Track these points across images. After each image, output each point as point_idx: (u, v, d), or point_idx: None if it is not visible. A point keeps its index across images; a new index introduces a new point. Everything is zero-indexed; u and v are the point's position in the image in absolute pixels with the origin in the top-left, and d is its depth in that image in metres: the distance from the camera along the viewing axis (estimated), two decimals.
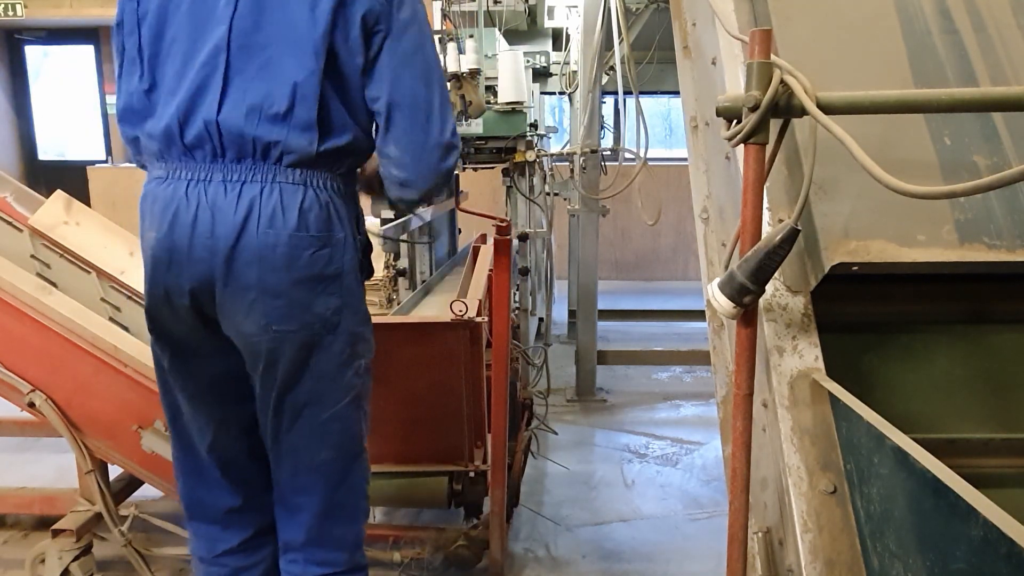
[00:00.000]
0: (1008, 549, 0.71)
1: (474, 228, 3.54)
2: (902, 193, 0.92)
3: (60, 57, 7.75)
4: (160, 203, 1.38)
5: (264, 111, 1.33)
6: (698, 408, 3.98)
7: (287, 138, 1.33)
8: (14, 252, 2.30)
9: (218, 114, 1.33)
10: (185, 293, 1.38)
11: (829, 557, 1.07)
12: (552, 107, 6.39)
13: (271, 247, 1.34)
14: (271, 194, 1.34)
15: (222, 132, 1.33)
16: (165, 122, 1.36)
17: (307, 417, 1.46)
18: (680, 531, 2.73)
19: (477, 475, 2.24)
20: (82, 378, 2.04)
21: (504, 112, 3.30)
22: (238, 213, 1.33)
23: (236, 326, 1.40)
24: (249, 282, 1.35)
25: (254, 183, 1.34)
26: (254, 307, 1.36)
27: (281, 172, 1.35)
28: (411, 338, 2.01)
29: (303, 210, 1.36)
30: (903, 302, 1.42)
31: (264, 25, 1.33)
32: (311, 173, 1.38)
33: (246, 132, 1.33)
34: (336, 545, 1.54)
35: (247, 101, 1.33)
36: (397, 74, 1.39)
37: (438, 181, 1.46)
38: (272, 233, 1.34)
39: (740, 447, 1.14)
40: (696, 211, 1.69)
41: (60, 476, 2.94)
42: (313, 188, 1.38)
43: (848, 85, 1.28)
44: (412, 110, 1.40)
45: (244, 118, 1.33)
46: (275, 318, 1.37)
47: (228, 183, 1.34)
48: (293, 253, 1.35)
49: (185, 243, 1.35)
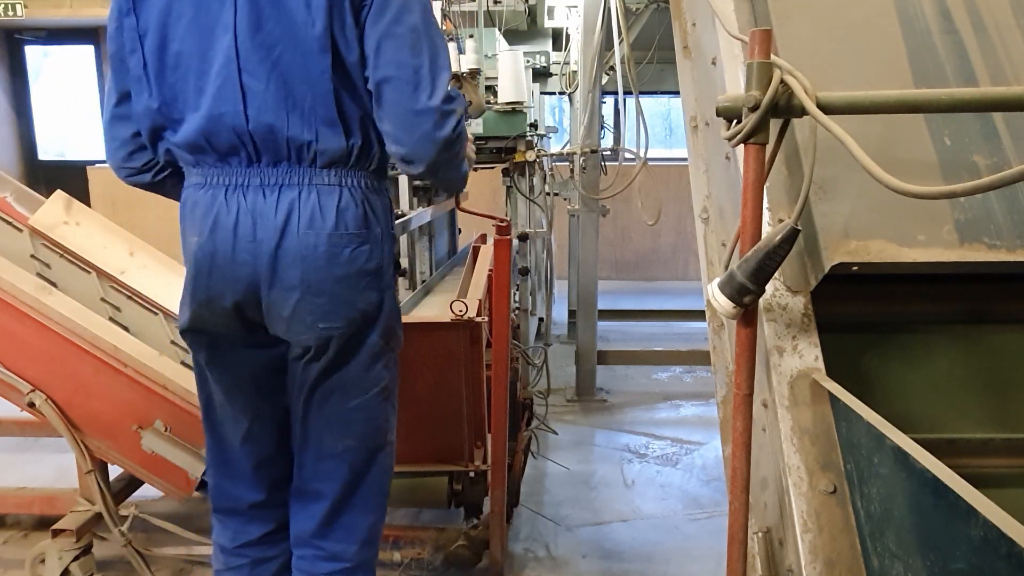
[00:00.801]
0: (1008, 549, 0.71)
1: (474, 228, 3.54)
2: (902, 193, 0.92)
3: (60, 57, 7.75)
4: (201, 209, 1.41)
5: (289, 112, 1.34)
6: (698, 408, 3.98)
7: (318, 137, 1.36)
8: (14, 252, 2.30)
9: (247, 123, 1.34)
10: (228, 296, 1.41)
11: (829, 557, 1.07)
12: (552, 107, 6.39)
13: (312, 247, 1.38)
14: (309, 196, 1.38)
15: (255, 139, 1.36)
16: (193, 136, 1.38)
17: (334, 403, 1.49)
18: (680, 531, 2.73)
19: (477, 475, 2.24)
20: (82, 378, 2.04)
21: (504, 112, 3.30)
22: (278, 216, 1.37)
23: (284, 326, 1.43)
24: (293, 282, 1.39)
25: (292, 186, 1.38)
26: (300, 306, 1.40)
27: (316, 174, 1.39)
28: (411, 338, 2.01)
29: (340, 209, 1.39)
30: (903, 302, 1.42)
31: (265, 24, 1.32)
32: (344, 172, 1.41)
33: (279, 135, 1.35)
34: (346, 536, 1.54)
35: (271, 104, 1.34)
36: (381, 47, 1.34)
37: (439, 151, 1.39)
38: (312, 234, 1.38)
39: (740, 447, 1.14)
40: (696, 211, 1.69)
41: (60, 476, 2.94)
42: (348, 188, 1.41)
43: (848, 85, 1.28)
44: (399, 81, 1.35)
45: (274, 121, 1.34)
46: (320, 315, 1.41)
47: (267, 187, 1.38)
48: (333, 251, 1.39)
49: (228, 248, 1.38)
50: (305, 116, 1.35)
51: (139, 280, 2.72)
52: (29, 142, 7.80)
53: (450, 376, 2.04)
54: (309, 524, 1.55)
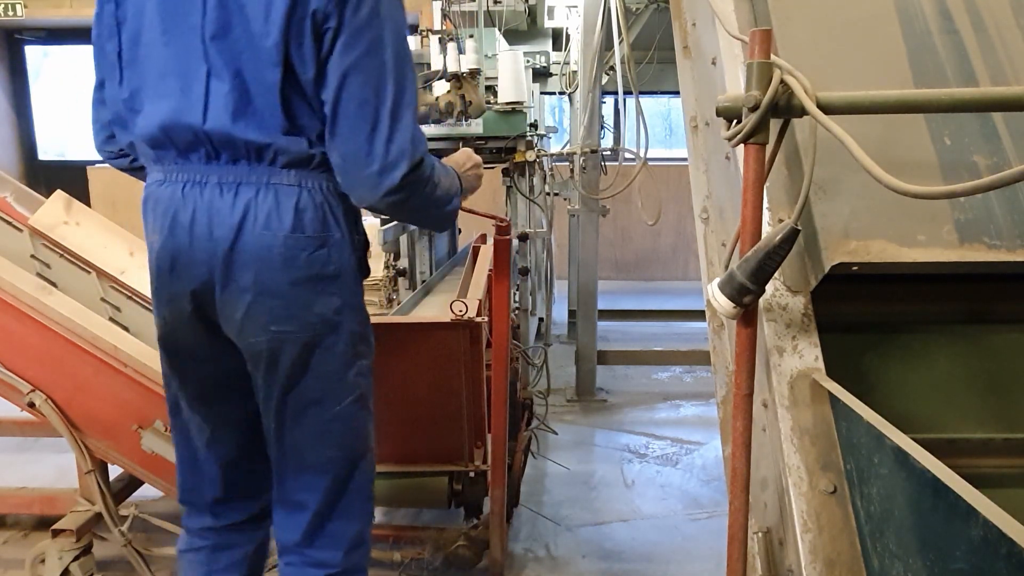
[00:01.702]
0: (1008, 549, 0.71)
1: (474, 228, 3.54)
2: (902, 193, 0.92)
3: (60, 57, 7.74)
4: (161, 206, 1.38)
5: (248, 117, 1.32)
6: (698, 408, 3.98)
7: (277, 141, 1.33)
8: (14, 252, 2.30)
9: (204, 122, 1.33)
10: (187, 295, 1.39)
11: (829, 557, 1.07)
12: (552, 107, 6.39)
13: (267, 248, 1.34)
14: (266, 196, 1.34)
15: (212, 138, 1.33)
16: (154, 130, 1.37)
17: (311, 416, 1.46)
18: (680, 531, 2.73)
19: (477, 475, 2.24)
20: (82, 378, 2.04)
21: (504, 112, 3.30)
22: (234, 215, 1.33)
23: (236, 328, 1.40)
24: (247, 284, 1.35)
25: (249, 185, 1.34)
26: (252, 308, 1.37)
27: (276, 174, 1.35)
28: (411, 338, 2.01)
29: (299, 211, 1.35)
30: (903, 302, 1.42)
31: (233, 29, 1.31)
32: (306, 174, 1.37)
33: (237, 138, 1.33)
34: (333, 543, 1.53)
35: (230, 108, 1.32)
36: (345, 78, 1.30)
37: (382, 197, 1.34)
38: (268, 235, 1.34)
39: (740, 447, 1.15)
40: (696, 211, 1.69)
41: (60, 476, 2.94)
42: (308, 189, 1.37)
43: (848, 85, 1.28)
44: (357, 119, 1.31)
45: (231, 124, 1.32)
46: (274, 319, 1.37)
47: (224, 185, 1.34)
48: (289, 254, 1.35)
49: (186, 246, 1.35)
50: (264, 124, 1.32)
51: (139, 280, 2.72)
52: (29, 142, 7.79)
53: (450, 376, 2.04)
54: (294, 534, 1.53)
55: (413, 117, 1.36)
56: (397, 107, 1.33)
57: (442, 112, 2.99)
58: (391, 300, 3.75)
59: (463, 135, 3.33)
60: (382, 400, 2.07)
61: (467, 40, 3.08)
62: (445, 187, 1.48)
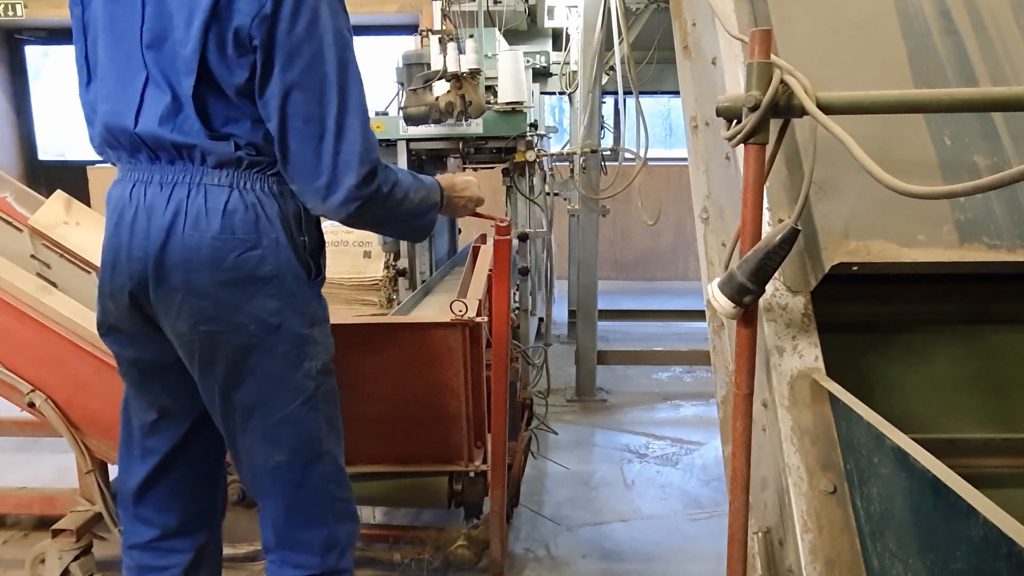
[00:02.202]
0: (1008, 549, 0.71)
1: (474, 228, 3.54)
2: (902, 193, 0.92)
3: (60, 57, 7.74)
4: (112, 204, 1.42)
5: (174, 121, 1.33)
6: (698, 408, 3.98)
7: (202, 143, 1.33)
8: (14, 252, 2.30)
9: (135, 125, 1.35)
10: (126, 292, 1.40)
11: (829, 557, 1.07)
12: (552, 107, 6.39)
13: (195, 249, 1.34)
14: (197, 196, 1.35)
15: (145, 140, 1.35)
16: (104, 132, 1.40)
17: (257, 419, 1.45)
18: (680, 531, 2.73)
19: (477, 475, 2.24)
20: (82, 378, 2.04)
21: (504, 112, 3.30)
22: (166, 215, 1.34)
23: (170, 326, 1.41)
24: (177, 283, 1.36)
25: (183, 185, 1.35)
26: (183, 308, 1.37)
27: (207, 174, 1.35)
28: (411, 338, 2.01)
29: (227, 212, 1.35)
30: (903, 302, 1.42)
31: (167, 39, 1.32)
32: (237, 174, 1.36)
33: (164, 138, 1.34)
34: (305, 548, 1.53)
35: (159, 112, 1.33)
36: (287, 96, 1.30)
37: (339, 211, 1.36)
38: (196, 236, 1.33)
39: (740, 447, 1.15)
40: (696, 211, 1.69)
41: (60, 476, 2.94)
42: (239, 189, 1.36)
43: (848, 85, 1.28)
44: (303, 135, 1.32)
45: (158, 127, 1.34)
46: (202, 319, 1.37)
47: (163, 185, 1.36)
48: (217, 255, 1.34)
49: (126, 243, 1.37)
50: (189, 129, 1.33)
51: None
52: (29, 142, 7.80)
53: (450, 376, 2.04)
54: (268, 536, 1.55)
55: (362, 126, 1.35)
56: (342, 118, 1.32)
57: (442, 112, 2.99)
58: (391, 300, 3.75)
59: (463, 135, 3.33)
60: (382, 400, 2.08)
61: (467, 40, 3.08)
62: (414, 200, 1.47)
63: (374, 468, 2.19)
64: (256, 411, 1.44)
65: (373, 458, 2.17)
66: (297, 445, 1.48)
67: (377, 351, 2.03)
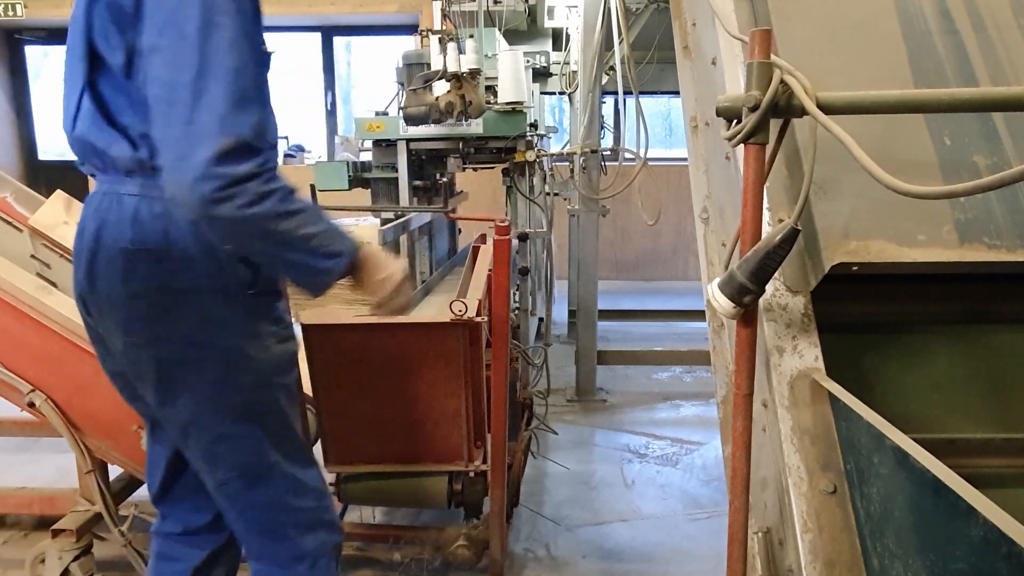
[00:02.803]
0: (1008, 549, 0.71)
1: (474, 228, 3.54)
2: (902, 193, 0.92)
3: (60, 57, 7.72)
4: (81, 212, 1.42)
5: (92, 121, 1.32)
6: (698, 408, 3.98)
7: (108, 146, 1.30)
8: (14, 252, 2.30)
9: (73, 130, 1.35)
10: (80, 302, 1.41)
11: (829, 557, 1.07)
12: (552, 107, 6.39)
13: (112, 260, 1.30)
14: (113, 205, 1.31)
15: (81, 146, 1.36)
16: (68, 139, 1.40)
17: (193, 437, 1.42)
18: (680, 531, 2.73)
19: (477, 475, 2.24)
20: (82, 378, 2.04)
21: (504, 112, 3.30)
22: (95, 224, 1.33)
23: (107, 337, 1.40)
24: (103, 295, 1.34)
25: (109, 195, 1.33)
26: (110, 319, 1.35)
27: (121, 182, 1.32)
28: (411, 338, 2.01)
29: (137, 221, 1.29)
30: (903, 302, 1.42)
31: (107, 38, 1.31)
32: (149, 183, 1.29)
33: (88, 142, 1.33)
34: (272, 561, 1.53)
35: (90, 117, 1.32)
36: (149, 61, 1.18)
37: (190, 198, 1.13)
38: (114, 247, 1.30)
39: (740, 447, 1.15)
40: (696, 211, 1.69)
41: (60, 476, 2.94)
42: (147, 198, 1.29)
43: (848, 85, 1.28)
44: (159, 103, 1.16)
45: (86, 131, 1.33)
46: (125, 331, 1.34)
47: (103, 194, 1.35)
48: (128, 267, 1.30)
49: (77, 251, 1.38)
50: (96, 125, 1.31)
51: None
52: (29, 142, 7.79)
53: (450, 376, 2.04)
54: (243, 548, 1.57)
55: (229, 94, 1.14)
56: (200, 81, 1.12)
57: (442, 112, 2.99)
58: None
59: (463, 135, 3.34)
60: (383, 400, 2.08)
61: (467, 40, 3.08)
62: (308, 229, 1.24)
63: (374, 468, 2.19)
64: (191, 428, 1.40)
65: (373, 458, 2.17)
66: (239, 462, 1.43)
67: (377, 351, 2.03)
